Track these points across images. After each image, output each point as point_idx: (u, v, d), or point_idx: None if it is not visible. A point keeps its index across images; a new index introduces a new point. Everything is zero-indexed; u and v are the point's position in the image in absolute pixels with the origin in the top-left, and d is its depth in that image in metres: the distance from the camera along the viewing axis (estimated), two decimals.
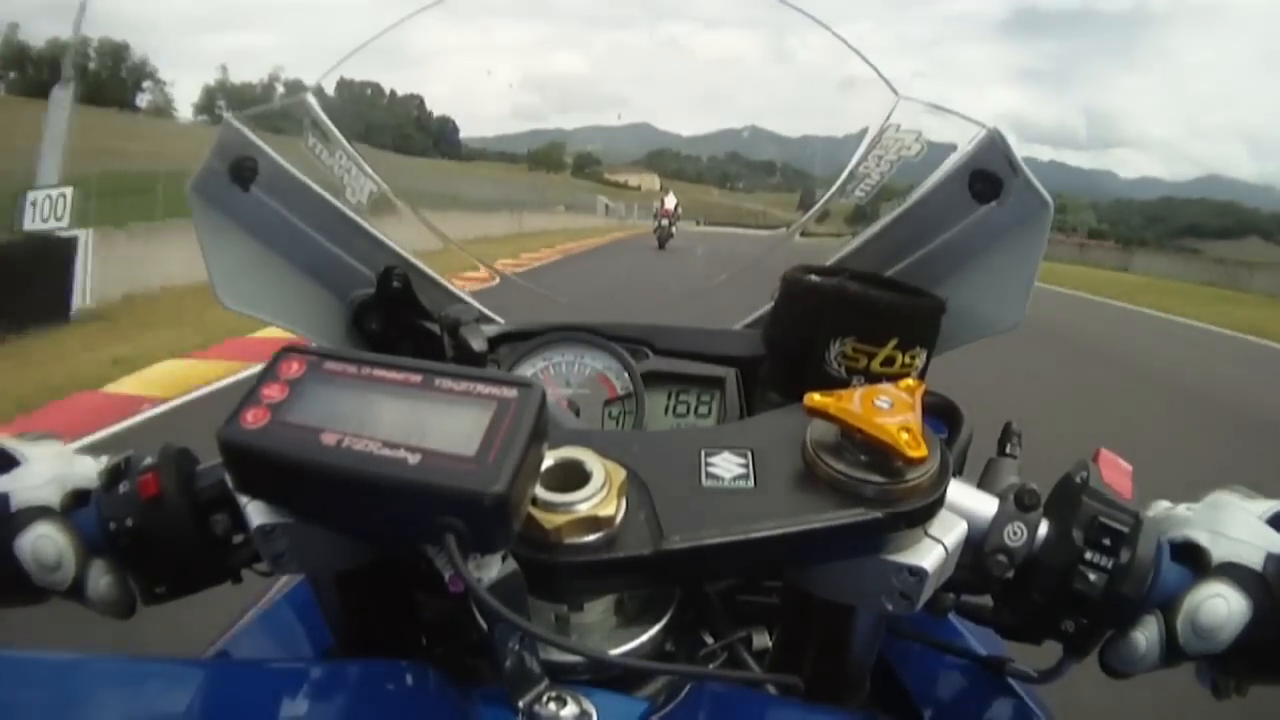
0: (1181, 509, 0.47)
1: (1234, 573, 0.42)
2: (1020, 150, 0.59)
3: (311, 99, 0.72)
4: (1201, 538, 0.43)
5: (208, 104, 70.01)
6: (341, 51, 0.71)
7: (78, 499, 0.47)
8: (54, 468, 0.47)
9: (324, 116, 0.72)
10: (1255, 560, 0.42)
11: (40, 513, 0.45)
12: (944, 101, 0.69)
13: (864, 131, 0.67)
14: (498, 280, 0.86)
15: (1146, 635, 0.43)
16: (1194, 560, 0.43)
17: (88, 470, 0.49)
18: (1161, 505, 0.48)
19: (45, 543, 0.44)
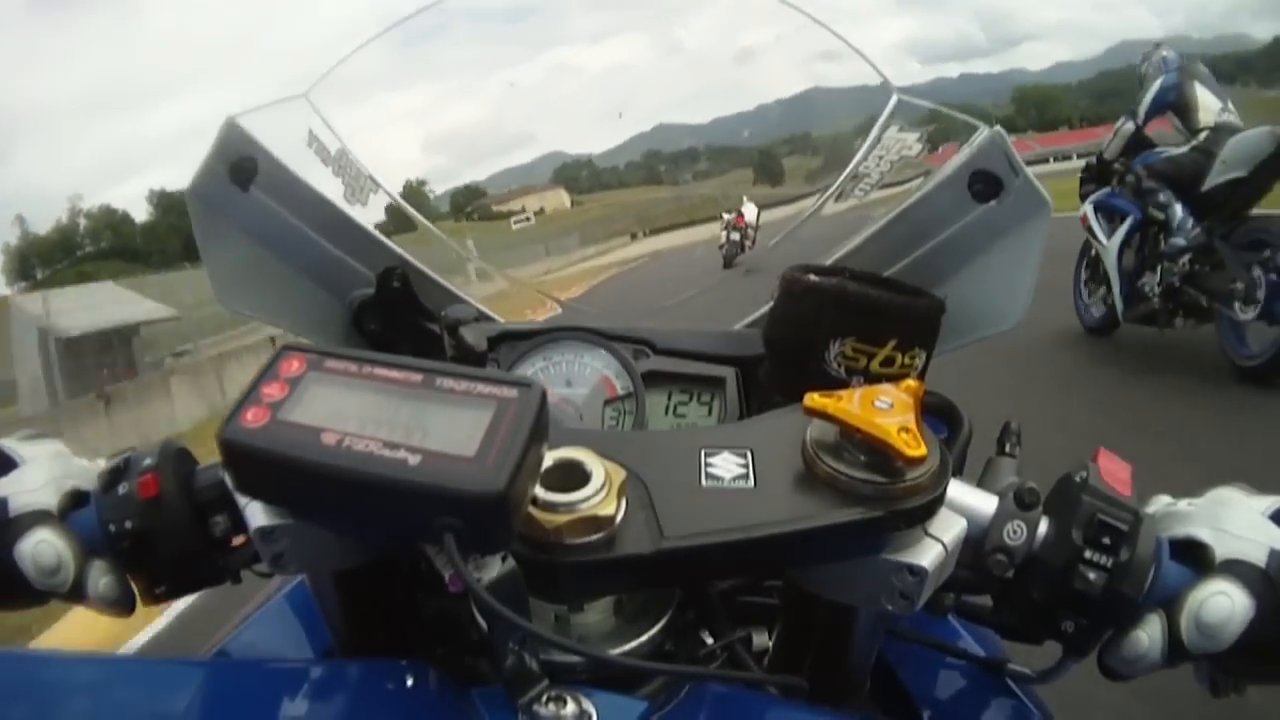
0: (1183, 505, 0.47)
1: (1237, 570, 0.41)
2: (927, 72, 0.57)
3: (309, 99, 0.72)
4: (1204, 534, 0.43)
5: (20, 266, 58.16)
6: None
7: (76, 500, 0.47)
8: (52, 469, 0.47)
9: (324, 116, 0.72)
10: (1259, 557, 0.41)
11: (39, 517, 0.45)
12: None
13: (772, 99, 0.66)
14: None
15: (1149, 634, 0.43)
16: (1196, 558, 0.43)
17: (86, 471, 0.49)
18: (1162, 501, 0.48)
19: (44, 548, 0.44)
